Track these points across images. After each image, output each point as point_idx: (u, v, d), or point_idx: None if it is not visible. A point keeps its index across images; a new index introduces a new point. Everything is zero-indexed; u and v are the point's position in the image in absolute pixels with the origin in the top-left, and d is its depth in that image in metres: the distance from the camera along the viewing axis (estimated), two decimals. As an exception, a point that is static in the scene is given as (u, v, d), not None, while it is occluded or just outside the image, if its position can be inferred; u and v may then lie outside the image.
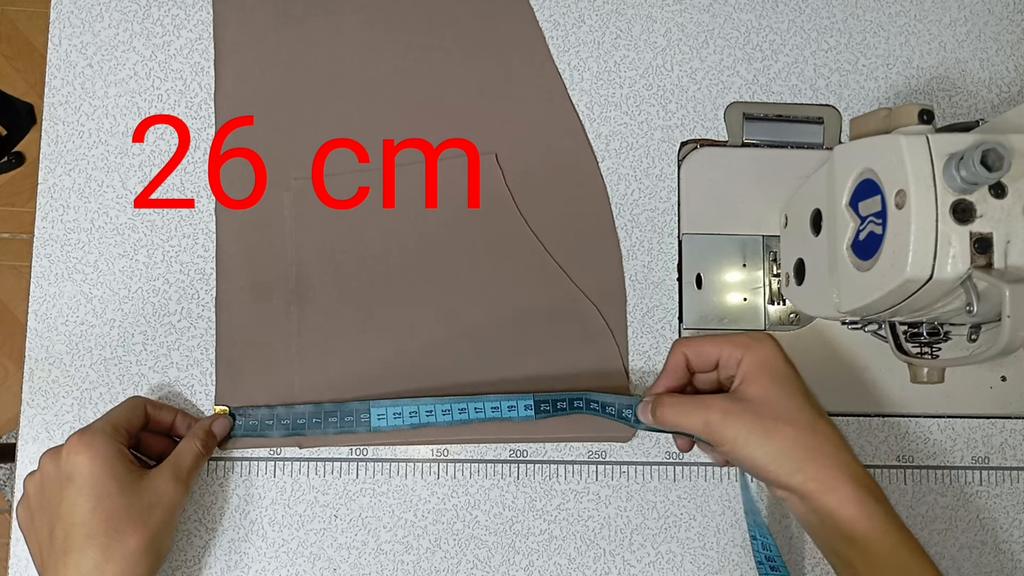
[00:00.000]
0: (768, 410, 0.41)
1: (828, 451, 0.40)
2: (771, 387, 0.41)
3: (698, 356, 0.45)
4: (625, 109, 0.54)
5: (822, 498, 0.39)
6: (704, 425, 0.41)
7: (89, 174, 0.52)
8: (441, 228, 0.52)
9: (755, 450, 0.40)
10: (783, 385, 0.42)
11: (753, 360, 0.42)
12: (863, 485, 0.40)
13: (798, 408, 0.41)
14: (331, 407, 0.49)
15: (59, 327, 0.51)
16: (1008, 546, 0.52)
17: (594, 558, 0.50)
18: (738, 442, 0.40)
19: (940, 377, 0.46)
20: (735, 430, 0.40)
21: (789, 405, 0.41)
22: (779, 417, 0.40)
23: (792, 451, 0.40)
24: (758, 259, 0.53)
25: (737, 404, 0.41)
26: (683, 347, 0.45)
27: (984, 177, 0.34)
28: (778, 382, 0.42)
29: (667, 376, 0.46)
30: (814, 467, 0.40)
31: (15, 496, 0.49)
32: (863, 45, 0.55)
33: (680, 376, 0.46)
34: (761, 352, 0.42)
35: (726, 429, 0.41)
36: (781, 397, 0.41)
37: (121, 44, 0.53)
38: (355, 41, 0.54)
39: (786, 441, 0.40)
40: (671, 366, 0.46)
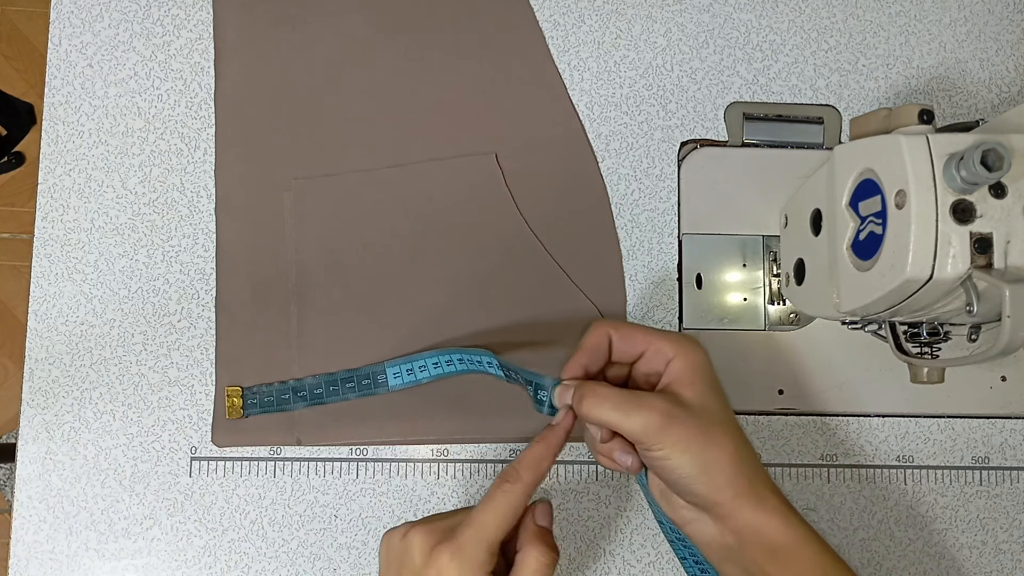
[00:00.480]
0: (706, 419, 0.38)
1: (755, 468, 0.39)
2: (707, 394, 0.39)
3: (624, 341, 0.41)
4: (625, 109, 0.54)
5: (749, 513, 0.38)
6: (642, 427, 0.37)
7: (89, 174, 0.52)
8: (441, 228, 0.52)
9: (692, 459, 0.37)
10: (717, 395, 0.39)
11: (687, 362, 0.39)
12: (781, 497, 0.39)
13: (731, 422, 0.39)
14: (345, 374, 0.49)
15: (59, 327, 0.51)
16: (1008, 546, 0.52)
17: (594, 558, 0.50)
18: (676, 449, 0.37)
19: (940, 377, 0.46)
20: (675, 436, 0.37)
21: (724, 416, 0.39)
22: (717, 427, 0.38)
23: (727, 464, 0.38)
24: (758, 259, 0.53)
25: (678, 408, 0.38)
26: (609, 327, 0.41)
27: (984, 177, 0.34)
28: (712, 391, 0.39)
29: (583, 355, 0.41)
30: (743, 482, 0.38)
31: (15, 496, 0.49)
32: (863, 45, 0.55)
33: (598, 358, 0.41)
34: (695, 355, 0.40)
35: (667, 434, 0.37)
36: (717, 407, 0.39)
37: (121, 44, 0.53)
38: (355, 41, 0.54)
39: (723, 452, 0.38)
40: (590, 345, 0.41)
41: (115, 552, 0.49)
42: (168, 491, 0.50)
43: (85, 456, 0.50)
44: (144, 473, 0.50)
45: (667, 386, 0.39)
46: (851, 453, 0.52)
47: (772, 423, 0.52)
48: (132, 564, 0.49)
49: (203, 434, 0.50)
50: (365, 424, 0.50)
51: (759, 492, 0.38)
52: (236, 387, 0.49)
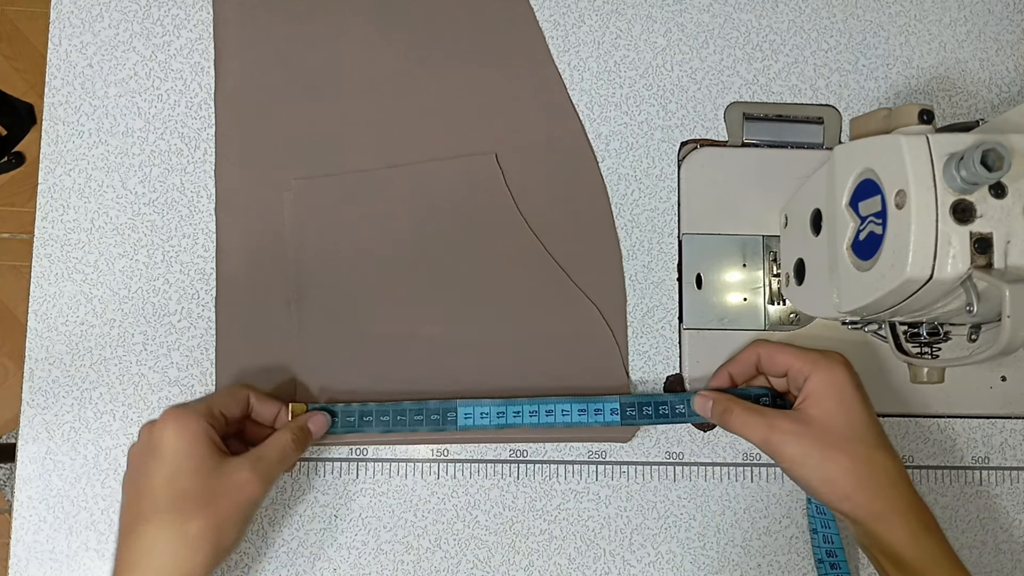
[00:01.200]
0: (827, 436, 0.42)
1: (882, 483, 0.41)
2: (834, 412, 0.42)
3: (769, 360, 0.46)
4: (625, 109, 0.54)
5: (871, 526, 0.41)
6: (764, 441, 0.43)
7: (89, 174, 0.52)
8: (441, 228, 0.52)
9: (809, 472, 0.41)
10: (846, 411, 0.42)
11: (820, 381, 0.43)
12: (917, 516, 0.41)
13: (858, 437, 0.42)
14: (415, 405, 0.48)
15: (59, 327, 0.51)
16: (1008, 546, 0.52)
17: (594, 558, 0.50)
18: (795, 462, 0.42)
19: (940, 377, 0.46)
20: (792, 451, 0.42)
21: (849, 434, 0.42)
22: (836, 445, 0.41)
23: (844, 480, 0.41)
24: (758, 259, 0.53)
25: (797, 425, 0.42)
26: (759, 348, 0.47)
27: (984, 177, 0.34)
28: (843, 408, 0.42)
29: (734, 365, 0.48)
30: (864, 497, 0.41)
31: (15, 496, 0.49)
32: (863, 45, 0.55)
33: (746, 372, 0.48)
34: (829, 373, 0.43)
35: (784, 448, 0.42)
36: (842, 423, 0.42)
37: (121, 44, 0.53)
38: (355, 41, 0.54)
39: (839, 470, 0.41)
40: (742, 359, 0.48)
41: (115, 552, 0.49)
42: (168, 491, 0.50)
43: (85, 456, 0.50)
44: (144, 473, 0.50)
45: (801, 404, 0.43)
46: (851, 453, 0.52)
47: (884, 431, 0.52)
48: (132, 564, 0.49)
49: (203, 434, 0.50)
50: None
51: (882, 508, 0.41)
52: (301, 404, 0.48)
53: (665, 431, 0.51)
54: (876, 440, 0.42)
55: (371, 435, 0.49)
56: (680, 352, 0.52)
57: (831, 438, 0.41)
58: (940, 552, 0.40)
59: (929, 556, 0.40)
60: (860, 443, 0.41)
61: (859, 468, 0.41)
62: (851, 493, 0.41)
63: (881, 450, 0.42)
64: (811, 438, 0.42)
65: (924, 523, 0.41)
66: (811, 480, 0.42)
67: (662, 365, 0.52)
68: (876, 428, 0.43)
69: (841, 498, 0.41)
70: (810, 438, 0.42)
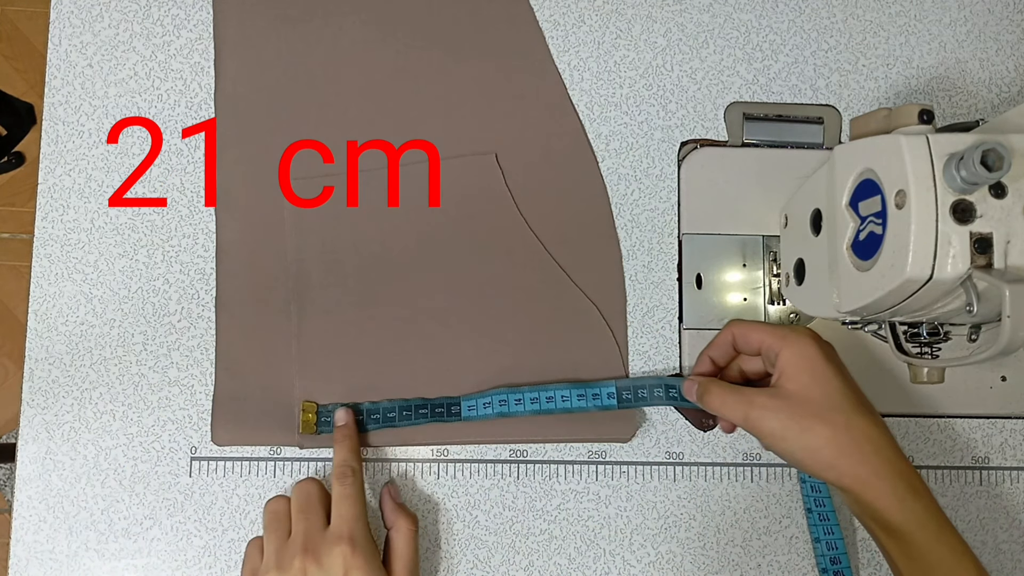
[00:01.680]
0: (804, 408, 0.42)
1: (865, 448, 0.41)
2: (809, 384, 0.42)
3: (743, 338, 0.46)
4: (625, 109, 0.54)
5: (859, 492, 0.41)
6: (743, 418, 0.43)
7: (89, 174, 0.52)
8: (441, 228, 0.52)
9: (791, 445, 0.42)
10: (821, 382, 0.42)
11: (791, 355, 0.43)
12: (903, 479, 0.41)
13: (835, 406, 0.42)
14: (419, 402, 0.49)
15: (59, 327, 0.51)
16: (1008, 546, 0.52)
17: (594, 558, 0.50)
18: (775, 436, 0.42)
19: (940, 377, 0.46)
20: (772, 426, 0.42)
21: (826, 402, 0.42)
22: (815, 415, 0.41)
23: (826, 449, 0.41)
24: (758, 259, 0.53)
25: (775, 400, 0.42)
26: (734, 327, 0.47)
27: (984, 177, 0.34)
28: (816, 378, 0.42)
29: (712, 348, 0.48)
30: (848, 464, 0.41)
31: (15, 496, 0.49)
32: (863, 45, 0.55)
33: (725, 352, 0.48)
34: (798, 347, 0.43)
35: (764, 424, 0.42)
36: (818, 394, 0.42)
37: (121, 44, 0.53)
38: (355, 41, 0.54)
39: (820, 439, 0.41)
40: (718, 341, 0.48)
41: (115, 552, 0.49)
42: (168, 491, 0.50)
43: (85, 456, 0.50)
44: (144, 473, 0.50)
45: (777, 380, 0.44)
46: (851, 453, 0.52)
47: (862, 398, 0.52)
48: (132, 564, 0.49)
49: (203, 434, 0.50)
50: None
51: (867, 474, 0.41)
52: (312, 403, 0.49)
53: (665, 431, 0.51)
54: (855, 407, 0.42)
55: (377, 435, 0.49)
56: (680, 352, 0.52)
57: (809, 409, 0.42)
58: (927, 514, 0.40)
59: (915, 519, 0.40)
60: (838, 411, 0.42)
61: (839, 436, 0.41)
62: (834, 461, 0.41)
63: (861, 416, 0.42)
64: (789, 411, 0.42)
65: (911, 486, 0.41)
66: (795, 452, 0.42)
67: (662, 365, 0.52)
68: (854, 395, 0.43)
69: (825, 467, 0.41)
70: (788, 411, 0.42)
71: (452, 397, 0.49)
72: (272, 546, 0.44)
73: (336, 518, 0.45)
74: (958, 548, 0.40)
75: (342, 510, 0.45)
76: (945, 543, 0.40)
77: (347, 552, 0.43)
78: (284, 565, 0.43)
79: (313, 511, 0.45)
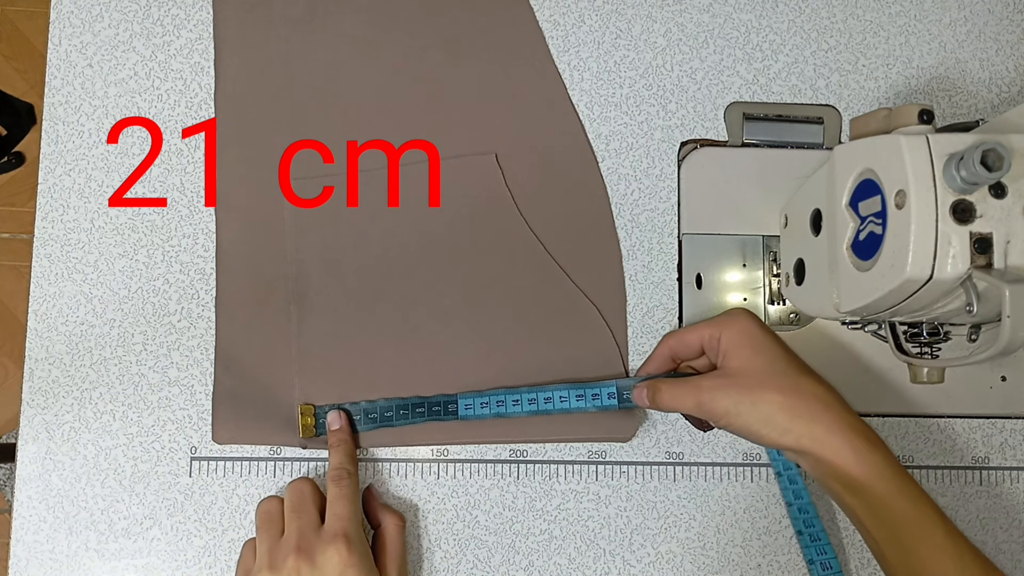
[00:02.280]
0: (751, 379, 0.43)
1: (815, 408, 0.42)
2: (751, 357, 0.43)
3: (682, 344, 0.47)
4: (625, 109, 0.54)
5: (817, 452, 0.41)
6: (696, 404, 0.44)
7: (89, 174, 0.52)
8: (442, 228, 0.52)
9: (746, 418, 0.42)
10: (762, 353, 0.43)
11: (730, 334, 0.44)
12: (858, 433, 0.41)
13: (780, 372, 0.43)
14: (416, 400, 0.49)
15: (59, 327, 0.51)
16: (1008, 546, 0.52)
17: (594, 558, 0.50)
18: (729, 413, 0.42)
19: (940, 377, 0.46)
20: (724, 404, 0.43)
21: (770, 370, 0.43)
22: (763, 384, 0.42)
23: (779, 414, 0.42)
24: (758, 259, 0.53)
25: (722, 379, 0.43)
26: (668, 339, 0.48)
27: (984, 177, 0.34)
28: (757, 351, 0.44)
29: (651, 363, 0.49)
30: (802, 425, 0.41)
31: (15, 496, 0.49)
32: (863, 45, 0.55)
33: (663, 365, 0.48)
34: (736, 325, 0.44)
35: (716, 404, 0.43)
36: (761, 364, 0.43)
37: (121, 44, 0.53)
38: (355, 41, 0.54)
39: (772, 405, 0.42)
40: (656, 355, 0.48)
41: (115, 552, 0.49)
42: (168, 491, 0.50)
43: (85, 456, 0.50)
44: (144, 473, 0.50)
45: (722, 362, 0.45)
46: (851, 453, 0.52)
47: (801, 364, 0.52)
48: (132, 564, 0.49)
49: (203, 434, 0.50)
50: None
51: (822, 434, 0.41)
52: (309, 406, 0.49)
53: (665, 431, 0.51)
54: (799, 370, 0.43)
55: (376, 435, 0.49)
56: (680, 352, 0.52)
57: (756, 380, 0.43)
58: (884, 464, 0.41)
59: (874, 471, 0.40)
60: (783, 376, 0.43)
61: (790, 399, 0.42)
62: (789, 425, 0.41)
63: (806, 377, 0.43)
64: (738, 387, 0.43)
65: (867, 439, 0.41)
66: (751, 425, 0.42)
67: (662, 365, 0.52)
68: (796, 360, 0.44)
69: (782, 433, 0.42)
70: (737, 387, 0.43)
71: (449, 395, 0.49)
72: (264, 546, 0.44)
73: (331, 517, 0.45)
74: (919, 497, 0.40)
75: (337, 509, 0.45)
76: (906, 493, 0.40)
77: (343, 550, 0.43)
78: (277, 565, 0.43)
79: (306, 510, 0.45)
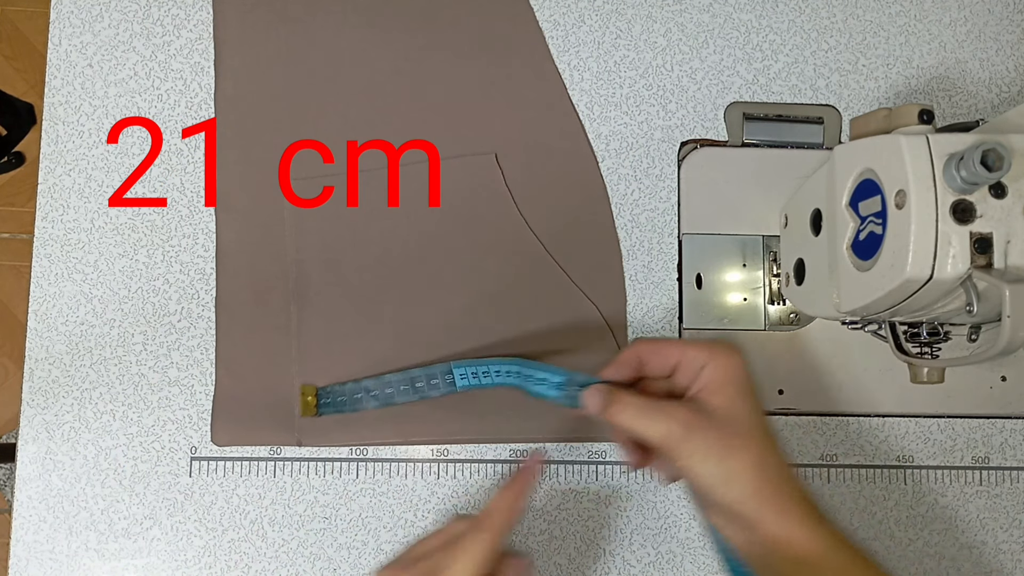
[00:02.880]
0: (731, 427, 0.38)
1: (782, 475, 0.38)
2: (736, 402, 0.39)
3: (656, 355, 0.41)
4: (625, 109, 0.54)
5: (772, 524, 0.37)
6: (664, 435, 0.38)
7: (89, 174, 0.52)
8: (441, 228, 0.52)
9: (712, 468, 0.37)
10: (747, 401, 0.39)
11: (718, 368, 0.39)
12: (811, 507, 0.38)
13: (759, 429, 0.39)
14: (417, 372, 0.48)
15: (59, 327, 0.51)
16: (1008, 546, 0.52)
17: (594, 558, 0.50)
18: (695, 458, 0.37)
19: (940, 377, 0.46)
20: (695, 445, 0.37)
21: (751, 423, 0.38)
22: (741, 435, 0.38)
23: (748, 473, 0.37)
24: (758, 259, 0.53)
25: (700, 417, 0.38)
26: (641, 345, 0.42)
27: (984, 177, 0.34)
28: (743, 397, 0.39)
29: (614, 368, 0.42)
30: (769, 491, 0.37)
31: (15, 496, 0.49)
32: (863, 45, 0.55)
33: (628, 372, 0.42)
34: (728, 360, 0.39)
35: (686, 442, 0.37)
36: (744, 414, 0.39)
37: (121, 44, 0.53)
38: (355, 41, 0.54)
39: (744, 463, 0.37)
40: (623, 359, 0.42)
41: (115, 552, 0.49)
42: (168, 491, 0.50)
43: (85, 456, 0.50)
44: (144, 473, 0.50)
45: (696, 394, 0.39)
46: (851, 453, 0.52)
47: (772, 423, 0.52)
48: (132, 564, 0.49)
49: (203, 434, 0.50)
50: (365, 426, 0.50)
51: (784, 502, 0.38)
52: (311, 386, 0.49)
53: (665, 431, 0.51)
54: (770, 431, 0.39)
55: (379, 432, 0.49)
56: (680, 352, 0.52)
57: (734, 429, 0.38)
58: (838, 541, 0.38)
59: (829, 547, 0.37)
60: (763, 435, 0.38)
61: (763, 460, 0.38)
62: (757, 488, 0.37)
63: (774, 440, 0.39)
64: (715, 429, 0.38)
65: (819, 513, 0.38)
66: (712, 477, 0.37)
67: (662, 365, 0.52)
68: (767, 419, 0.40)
69: (745, 496, 0.37)
70: (715, 430, 0.38)
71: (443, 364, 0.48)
72: None
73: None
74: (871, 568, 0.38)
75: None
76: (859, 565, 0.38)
77: None
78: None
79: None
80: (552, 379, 0.44)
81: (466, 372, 0.48)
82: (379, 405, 0.49)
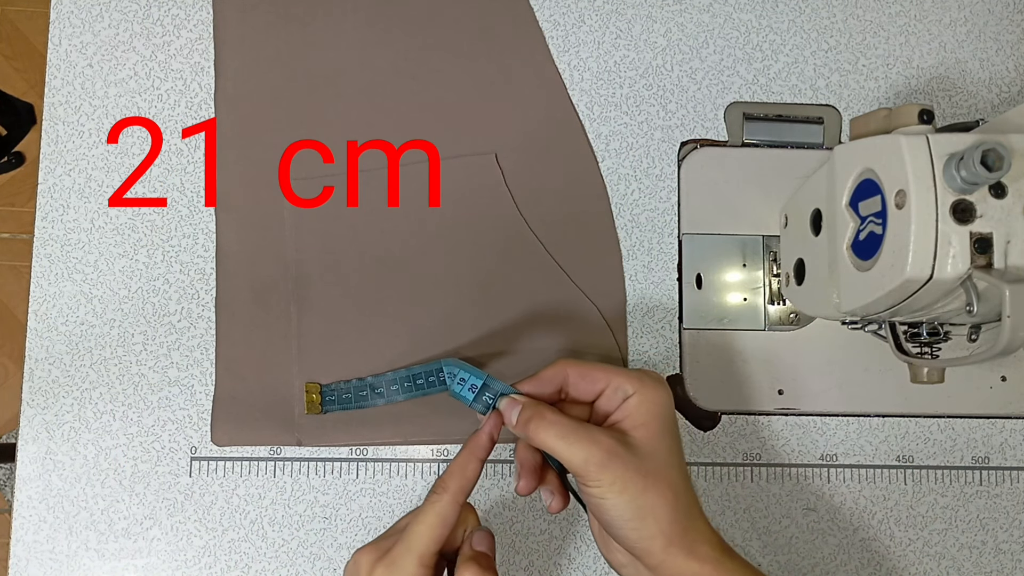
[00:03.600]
0: (651, 462, 0.37)
1: (692, 515, 0.38)
2: (658, 438, 0.38)
3: (582, 379, 0.40)
4: (625, 109, 0.54)
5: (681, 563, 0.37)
6: (584, 460, 0.37)
7: (89, 174, 0.52)
8: (442, 228, 0.52)
9: (628, 501, 0.37)
10: (669, 438, 0.39)
11: (645, 401, 0.39)
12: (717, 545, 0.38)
13: (677, 467, 0.38)
14: (418, 369, 0.47)
15: (59, 327, 0.51)
16: (1008, 546, 0.52)
17: (594, 558, 0.50)
18: (613, 488, 0.37)
19: (940, 377, 0.46)
20: (614, 475, 0.37)
21: (670, 462, 0.38)
22: (659, 473, 0.37)
23: (661, 511, 0.37)
24: (758, 259, 0.53)
25: (623, 448, 0.37)
26: (568, 365, 0.41)
27: (984, 177, 0.34)
28: (665, 434, 0.39)
29: (536, 382, 0.41)
30: (678, 530, 0.37)
31: (15, 496, 0.49)
32: (863, 45, 0.55)
33: (549, 389, 0.41)
34: (655, 394, 0.39)
35: (606, 471, 0.37)
36: (664, 451, 0.38)
37: (121, 44, 0.53)
38: (355, 41, 0.54)
39: (661, 499, 0.37)
40: (547, 376, 0.41)
41: (115, 552, 0.49)
42: (168, 491, 0.50)
43: (85, 456, 0.50)
44: (144, 473, 0.50)
45: (619, 423, 0.39)
46: (851, 453, 0.52)
47: (772, 423, 0.52)
48: (132, 564, 0.49)
49: (203, 434, 0.50)
50: (366, 427, 0.50)
51: (692, 542, 0.37)
52: (315, 383, 0.49)
53: (665, 431, 0.51)
54: (686, 471, 0.39)
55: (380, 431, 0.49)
56: (680, 352, 0.52)
57: (654, 465, 0.37)
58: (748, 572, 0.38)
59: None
60: (680, 475, 0.38)
61: (677, 500, 0.37)
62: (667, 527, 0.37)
63: (689, 481, 0.39)
64: (636, 462, 0.37)
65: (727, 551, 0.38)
66: (623, 511, 0.37)
67: (662, 365, 0.52)
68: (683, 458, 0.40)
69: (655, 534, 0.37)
70: (635, 462, 0.37)
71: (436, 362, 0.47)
72: None
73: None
74: None
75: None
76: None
77: None
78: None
79: None
80: (470, 380, 0.43)
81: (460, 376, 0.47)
82: (383, 402, 0.49)
